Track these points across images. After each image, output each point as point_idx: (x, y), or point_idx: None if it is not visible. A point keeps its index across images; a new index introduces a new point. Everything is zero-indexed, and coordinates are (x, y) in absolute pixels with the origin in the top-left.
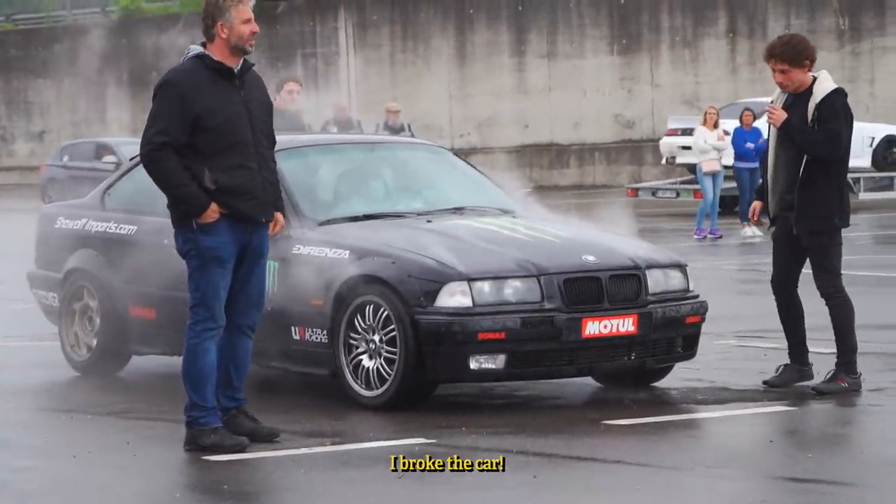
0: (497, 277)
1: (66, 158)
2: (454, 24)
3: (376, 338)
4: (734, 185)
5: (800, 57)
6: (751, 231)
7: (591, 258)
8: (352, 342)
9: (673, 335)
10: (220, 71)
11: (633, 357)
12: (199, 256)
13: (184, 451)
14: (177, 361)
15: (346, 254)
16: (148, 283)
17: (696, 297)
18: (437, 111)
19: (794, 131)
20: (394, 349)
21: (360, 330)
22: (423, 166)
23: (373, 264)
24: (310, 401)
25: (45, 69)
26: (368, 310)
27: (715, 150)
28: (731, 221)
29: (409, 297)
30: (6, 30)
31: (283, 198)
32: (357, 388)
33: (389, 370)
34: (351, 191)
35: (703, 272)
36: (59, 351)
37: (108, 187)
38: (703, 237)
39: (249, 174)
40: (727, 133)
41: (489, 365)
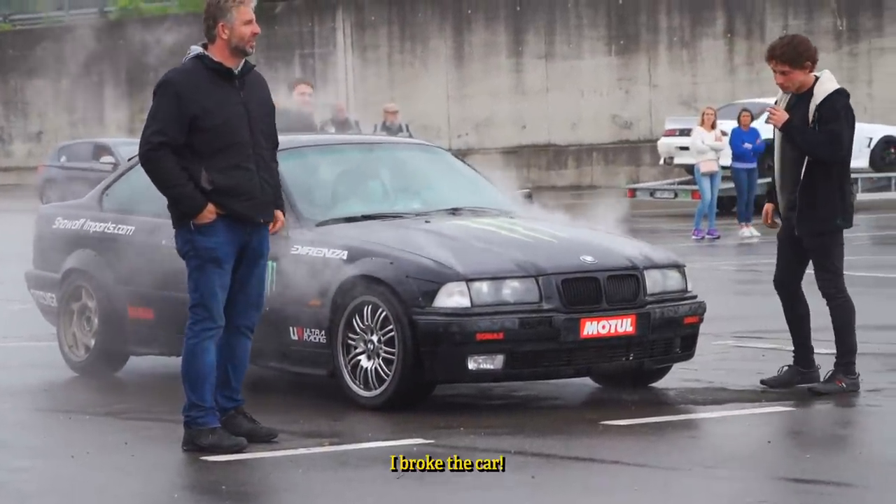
0: (495, 278)
1: (63, 159)
2: (452, 24)
3: (374, 338)
4: (732, 185)
5: (800, 58)
6: (748, 232)
7: (589, 258)
8: (350, 343)
9: (671, 336)
10: (220, 71)
11: (631, 357)
12: (197, 257)
13: (182, 452)
14: (174, 362)
15: (344, 254)
16: (146, 283)
17: (695, 297)
18: (435, 112)
19: (795, 132)
20: (392, 349)
21: (358, 330)
22: (421, 167)
23: (371, 265)
24: (308, 401)
25: (43, 70)
26: (367, 310)
27: (713, 150)
28: (728, 222)
29: (407, 297)
30: (4, 30)
31: (282, 198)
32: (355, 388)
33: (388, 370)
34: (349, 191)
35: (701, 272)
36: (57, 351)
37: (107, 188)
38: (700, 238)
39: (246, 175)
40: (725, 134)
41: (487, 365)
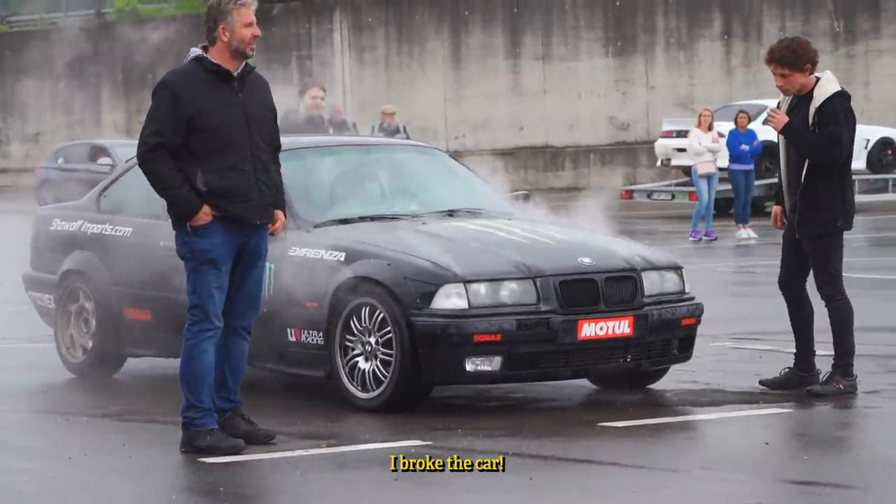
0: (493, 279)
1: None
2: (449, 26)
3: (372, 340)
4: (729, 187)
5: (800, 61)
6: (745, 233)
7: (586, 260)
8: (348, 344)
9: (669, 337)
10: (218, 73)
11: (628, 359)
12: (194, 259)
13: (180, 453)
14: (172, 364)
15: (341, 256)
16: (143, 285)
17: (692, 298)
18: (432, 113)
19: (795, 135)
20: (390, 351)
21: (356, 332)
22: (418, 168)
23: (369, 266)
24: (306, 403)
25: (40, 71)
26: (364, 312)
27: (710, 152)
28: (726, 223)
29: (405, 299)
30: (0, 31)
31: (283, 199)
32: (353, 390)
33: (385, 372)
34: (347, 193)
35: (698, 274)
36: (55, 353)
37: (104, 189)
38: (698, 239)
39: (242, 176)
40: (722, 135)
41: (485, 367)
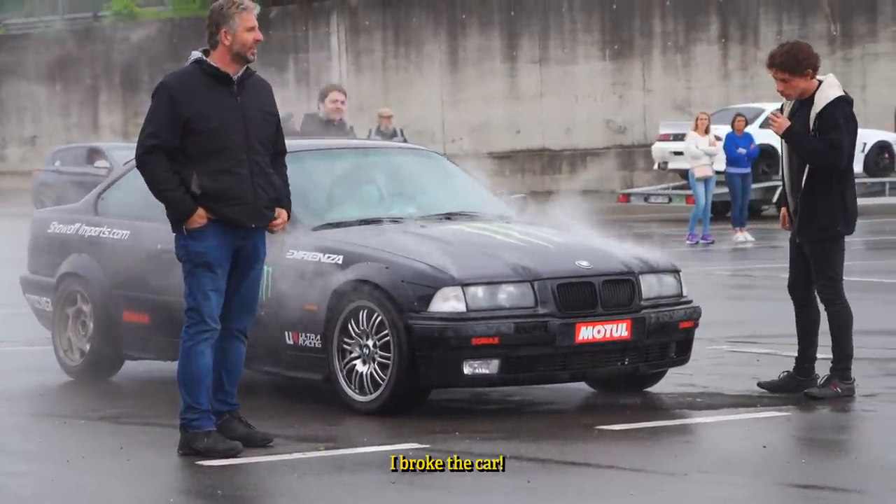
0: (491, 282)
1: (58, 163)
2: (446, 29)
3: (370, 343)
4: (726, 190)
5: (800, 66)
6: (743, 236)
7: (584, 263)
8: (345, 347)
9: (666, 340)
10: (217, 76)
11: (626, 362)
12: (190, 261)
13: (178, 456)
14: (169, 367)
15: (339, 259)
16: (141, 288)
17: (690, 302)
18: (429, 116)
19: (795, 139)
20: (387, 354)
21: (353, 335)
22: (416, 171)
23: (366, 269)
24: (303, 406)
25: (37, 74)
26: (362, 315)
27: (707, 155)
28: (723, 227)
29: (402, 302)
30: None
31: (290, 199)
32: (351, 393)
33: (383, 375)
34: (344, 196)
35: (695, 277)
36: (53, 356)
37: (102, 192)
38: (695, 242)
39: (237, 179)
40: (719, 138)
41: (483, 370)
